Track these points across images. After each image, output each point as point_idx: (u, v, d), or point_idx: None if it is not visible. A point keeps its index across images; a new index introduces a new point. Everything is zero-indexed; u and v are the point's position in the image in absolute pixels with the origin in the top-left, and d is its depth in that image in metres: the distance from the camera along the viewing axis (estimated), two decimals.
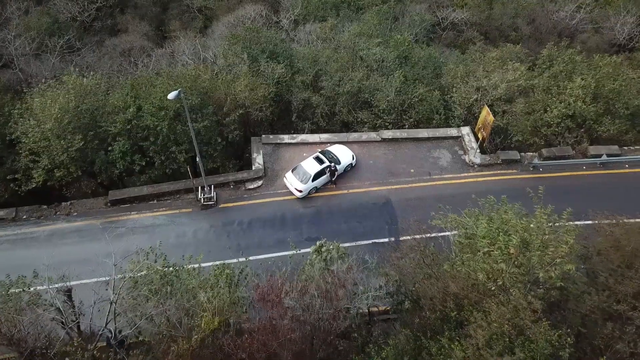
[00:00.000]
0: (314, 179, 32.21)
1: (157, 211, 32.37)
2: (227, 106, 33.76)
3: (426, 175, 34.00)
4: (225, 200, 32.81)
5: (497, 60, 37.34)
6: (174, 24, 63.85)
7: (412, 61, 40.67)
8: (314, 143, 35.80)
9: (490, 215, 20.88)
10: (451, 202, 32.19)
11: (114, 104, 32.69)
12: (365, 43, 41.59)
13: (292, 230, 31.15)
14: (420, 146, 35.79)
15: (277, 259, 29.32)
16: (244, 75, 35.07)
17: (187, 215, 32.18)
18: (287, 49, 42.16)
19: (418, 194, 32.98)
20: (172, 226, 31.63)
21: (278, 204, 32.54)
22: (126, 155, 32.18)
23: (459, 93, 36.25)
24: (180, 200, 33.00)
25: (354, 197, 32.89)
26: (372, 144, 35.80)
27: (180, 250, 29.86)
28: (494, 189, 32.95)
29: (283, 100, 38.73)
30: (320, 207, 32.36)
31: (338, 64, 39.87)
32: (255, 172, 33.60)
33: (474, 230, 20.31)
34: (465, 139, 35.61)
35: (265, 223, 31.54)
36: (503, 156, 34.39)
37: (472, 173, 34.19)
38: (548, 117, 34.16)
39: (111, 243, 30.65)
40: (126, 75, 43.34)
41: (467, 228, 21.32)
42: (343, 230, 31.04)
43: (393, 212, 32.00)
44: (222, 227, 31.52)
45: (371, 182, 33.67)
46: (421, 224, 31.15)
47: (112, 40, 56.83)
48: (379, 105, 37.32)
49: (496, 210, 21.12)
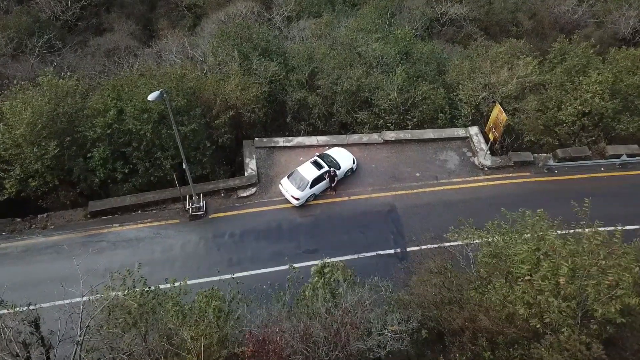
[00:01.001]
0: (312, 186, 29.65)
1: (141, 223, 29.71)
2: (216, 107, 31.16)
3: (433, 180, 31.50)
4: (215, 210, 30.18)
5: (506, 55, 34.82)
6: (162, 22, 61.50)
7: (415, 57, 38.17)
8: (311, 146, 33.24)
9: (520, 231, 18.23)
10: (462, 209, 29.94)
11: (94, 107, 30.01)
12: (364, 39, 39.07)
13: (289, 242, 28.58)
14: (425, 148, 33.29)
15: (273, 274, 26.88)
16: (234, 74, 32.46)
17: (174, 227, 29.53)
18: (281, 46, 39.63)
19: (425, 200, 30.48)
20: (158, 239, 28.97)
21: (273, 213, 29.95)
22: (107, 162, 29.52)
23: (467, 90, 33.76)
24: (167, 211, 30.35)
25: (355, 205, 30.34)
26: (374, 146, 33.27)
27: (166, 266, 27.48)
28: (506, 193, 30.78)
29: (277, 100, 36.20)
30: (319, 216, 29.79)
31: (335, 61, 37.38)
32: (247, 179, 31.00)
33: (505, 249, 17.61)
34: (473, 139, 33.15)
35: (259, 234, 28.94)
36: (515, 158, 31.94)
37: (482, 176, 31.71)
38: (562, 115, 31.72)
39: (91, 259, 28.37)
40: (110, 76, 40.62)
41: (493, 245, 18.56)
42: (344, 242, 28.50)
43: (398, 221, 29.48)
44: (212, 239, 28.90)
45: (374, 187, 31.13)
46: (429, 232, 29.00)
47: (97, 40, 54.22)
48: (380, 105, 34.84)
49: (531, 226, 18.21)
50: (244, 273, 27.07)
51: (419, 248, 28.11)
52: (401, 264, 27.44)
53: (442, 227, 28.84)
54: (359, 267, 26.97)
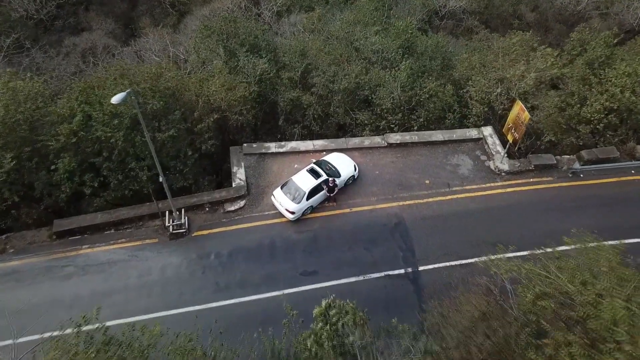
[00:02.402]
0: (308, 197, 26.08)
1: (114, 243, 25.97)
2: (199, 110, 27.50)
3: (444, 187, 28.00)
4: (199, 227, 26.50)
5: (521, 47, 31.36)
6: (144, 20, 57.78)
7: (418, 51, 34.69)
8: (307, 152, 29.64)
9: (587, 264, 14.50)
10: (478, 220, 26.50)
11: (58, 112, 26.28)
12: (362, 32, 35.56)
13: (284, 263, 24.96)
14: (434, 151, 29.77)
15: (265, 302, 23.32)
16: (218, 72, 28.81)
17: (152, 247, 25.82)
18: (270, 42, 36.01)
19: (436, 210, 26.96)
20: (134, 262, 25.25)
21: (265, 229, 26.30)
22: (74, 175, 25.81)
23: (479, 86, 30.28)
24: (144, 229, 26.62)
25: (358, 217, 26.76)
26: (377, 151, 29.72)
27: (143, 293, 23.86)
28: (527, 201, 27.39)
29: (267, 101, 32.61)
30: (317, 232, 26.19)
31: (331, 56, 33.87)
32: (235, 190, 27.35)
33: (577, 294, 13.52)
34: (488, 141, 29.67)
35: (250, 254, 25.30)
36: (535, 161, 28.46)
37: (499, 182, 28.22)
38: (587, 112, 28.31)
39: (56, 287, 24.69)
40: (84, 78, 36.84)
41: (550, 284, 14.72)
42: (347, 260, 24.93)
43: (408, 235, 25.93)
44: (196, 261, 25.22)
45: (378, 197, 27.56)
46: (443, 248, 25.53)
47: (72, 39, 50.40)
48: (382, 104, 31.34)
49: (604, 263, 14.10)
50: (232, 300, 23.59)
51: (433, 267, 24.79)
52: (414, 286, 23.98)
53: (457, 241, 25.67)
54: (365, 291, 23.65)
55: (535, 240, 25.32)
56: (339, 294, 23.54)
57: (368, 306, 22.80)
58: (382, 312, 23.02)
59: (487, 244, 25.33)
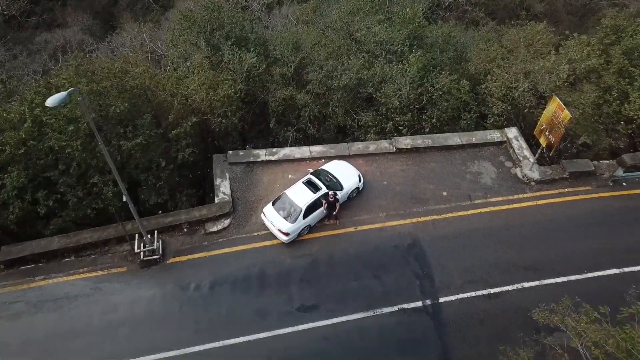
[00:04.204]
0: (305, 215, 21.90)
1: (75, 273, 21.69)
2: (174, 113, 23.26)
3: (465, 200, 23.84)
4: (175, 252, 22.24)
5: (546, 35, 27.24)
6: (126, 16, 53.72)
7: (427, 43, 30.54)
8: (303, 159, 25.43)
9: None
10: (506, 239, 22.37)
11: (5, 118, 21.96)
12: (363, 21, 31.36)
13: (277, 295, 20.74)
14: (451, 157, 25.60)
15: (257, 347, 19.16)
16: (197, 67, 24.58)
17: (119, 277, 21.54)
18: (260, 34, 31.83)
19: (457, 228, 22.80)
20: (97, 296, 20.96)
21: (254, 254, 22.06)
22: (25, 192, 21.54)
23: (501, 81, 26.13)
24: (110, 255, 22.34)
25: (365, 238, 22.55)
26: (385, 157, 25.53)
27: (107, 336, 19.68)
28: (564, 216, 23.28)
29: (257, 100, 28.42)
30: (316, 256, 21.96)
31: (328, 49, 29.72)
32: (218, 207, 23.10)
33: None
34: (513, 144, 25.53)
35: (236, 285, 21.06)
36: (570, 167, 24.33)
37: (529, 194, 24.07)
38: (629, 109, 24.19)
39: (2, 329, 20.47)
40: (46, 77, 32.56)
41: None
42: (353, 291, 20.75)
43: (424, 259, 21.76)
44: (172, 294, 20.96)
45: (388, 213, 23.37)
46: (467, 273, 21.43)
47: (44, 36, 46.23)
48: (388, 103, 27.23)
49: None
50: (215, 344, 19.42)
51: (456, 297, 20.66)
52: (434, 322, 19.84)
53: (483, 265, 21.61)
54: (376, 330, 19.52)
55: (576, 263, 21.60)
56: (344, 334, 19.64)
57: (379, 349, 18.94)
58: (396, 357, 19.04)
59: (518, 268, 21.60)
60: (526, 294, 20.65)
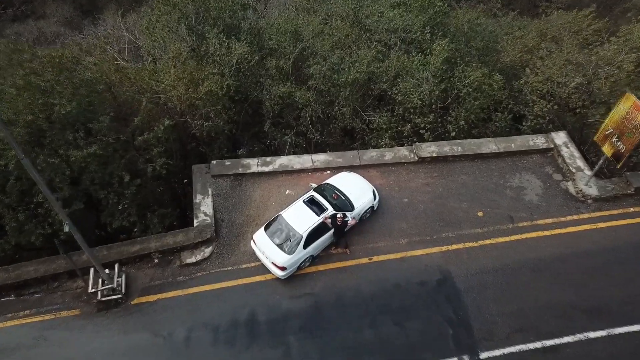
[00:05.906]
0: (307, 243, 17.25)
1: (14, 318, 17.05)
2: (142, 114, 18.57)
3: (506, 222, 19.13)
4: (143, 290, 17.56)
5: (596, 22, 22.57)
6: (111, 7, 49.41)
7: (451, 31, 25.89)
8: (304, 170, 20.75)
9: None
10: (561, 273, 17.69)
11: None
12: (374, 5, 26.72)
13: (270, 349, 16.08)
14: (486, 168, 20.89)
15: None
16: (173, 58, 19.92)
17: (70, 323, 16.88)
18: (253, 22, 27.16)
19: (498, 258, 18.11)
20: (42, 348, 16.32)
21: (242, 293, 17.39)
22: None
23: (550, 73, 21.38)
24: (60, 294, 17.65)
25: (382, 271, 17.85)
26: (404, 169, 20.82)
27: None
28: (632, 241, 18.49)
29: (249, 98, 23.76)
30: (321, 296, 17.28)
31: (334, 37, 25.08)
32: (198, 232, 18.41)
33: None
34: (562, 152, 20.81)
35: (218, 334, 16.42)
36: (637, 182, 19.64)
37: (585, 214, 19.34)
38: None
39: None
40: None
41: None
42: (368, 345, 16.07)
43: (459, 300, 17.08)
44: (137, 346, 16.32)
45: (410, 239, 18.66)
46: (515, 319, 16.77)
47: (15, 27, 41.92)
48: (407, 102, 22.59)
49: None
50: None
51: (502, 353, 15.96)
52: None
53: (533, 308, 16.86)
54: None
55: None
56: None
57: None
58: None
59: (579, 312, 16.85)
60: (592, 347, 16.01)
